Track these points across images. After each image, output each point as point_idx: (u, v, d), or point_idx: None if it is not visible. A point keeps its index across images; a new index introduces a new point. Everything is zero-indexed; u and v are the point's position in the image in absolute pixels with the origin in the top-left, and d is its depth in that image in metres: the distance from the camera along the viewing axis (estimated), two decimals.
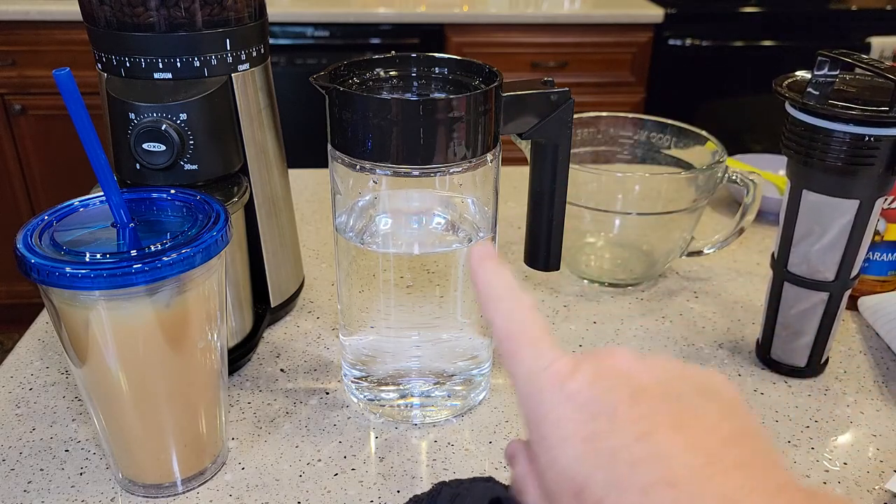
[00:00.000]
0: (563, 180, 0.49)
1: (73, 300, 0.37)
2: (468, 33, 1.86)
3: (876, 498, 0.45)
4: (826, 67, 0.47)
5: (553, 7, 1.94)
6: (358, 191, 0.47)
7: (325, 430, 0.50)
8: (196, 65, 0.48)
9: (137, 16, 0.46)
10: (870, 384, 0.55)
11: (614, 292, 0.67)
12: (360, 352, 0.51)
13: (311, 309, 0.64)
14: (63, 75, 0.36)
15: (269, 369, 0.56)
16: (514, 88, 0.45)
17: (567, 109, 0.47)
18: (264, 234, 0.57)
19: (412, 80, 0.48)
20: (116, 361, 0.39)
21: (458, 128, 0.42)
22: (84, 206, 0.42)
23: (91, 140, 0.38)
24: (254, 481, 0.45)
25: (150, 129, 0.47)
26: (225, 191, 0.51)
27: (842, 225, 0.48)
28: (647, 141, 0.71)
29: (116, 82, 0.48)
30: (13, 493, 0.44)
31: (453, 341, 0.50)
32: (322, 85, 0.43)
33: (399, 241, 0.48)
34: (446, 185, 0.46)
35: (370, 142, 0.42)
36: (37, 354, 0.57)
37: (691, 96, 2.02)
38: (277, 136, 0.57)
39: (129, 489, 0.44)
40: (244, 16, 0.50)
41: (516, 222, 0.79)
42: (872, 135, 0.45)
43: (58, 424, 0.50)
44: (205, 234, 0.39)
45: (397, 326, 0.49)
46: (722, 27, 1.95)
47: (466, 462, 0.47)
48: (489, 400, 0.53)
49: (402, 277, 0.47)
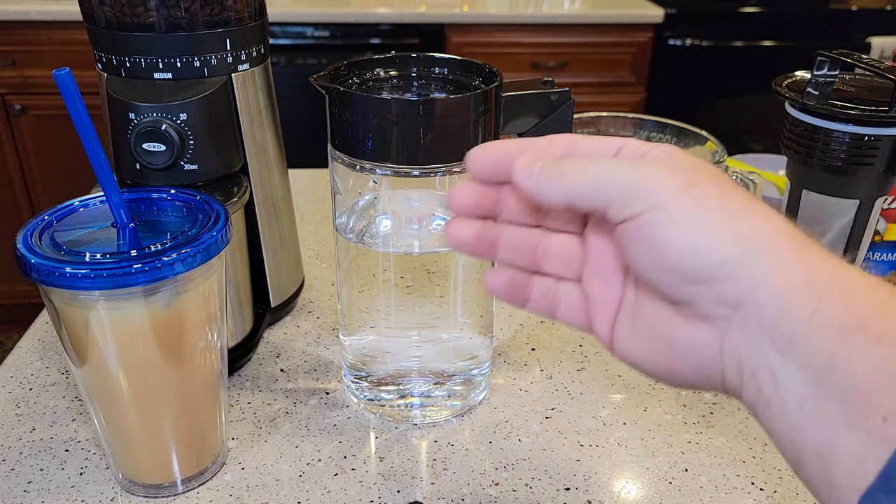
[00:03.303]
0: None
1: (73, 300, 0.37)
2: (468, 33, 1.86)
3: None
4: (826, 67, 0.47)
5: (553, 7, 1.94)
6: (358, 191, 0.47)
7: (325, 430, 0.50)
8: (196, 65, 0.48)
9: (137, 16, 0.46)
10: None
11: None
12: (360, 352, 0.51)
13: (311, 309, 0.64)
14: (63, 75, 0.36)
15: (269, 369, 0.56)
16: (514, 88, 0.45)
17: (567, 109, 0.47)
18: (264, 234, 0.57)
19: (412, 80, 0.48)
20: (116, 361, 0.39)
21: (459, 128, 0.42)
22: (84, 206, 0.42)
23: (91, 140, 0.38)
24: (254, 481, 0.45)
25: (150, 129, 0.47)
26: (225, 191, 0.51)
27: (842, 225, 0.48)
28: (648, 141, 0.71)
29: (116, 82, 0.48)
30: (13, 493, 0.44)
31: (453, 341, 0.50)
32: (322, 85, 0.43)
33: (399, 241, 0.48)
34: (446, 185, 0.46)
35: (370, 142, 0.42)
36: (37, 354, 0.57)
37: (691, 96, 2.02)
38: (277, 136, 0.57)
39: (129, 489, 0.44)
40: (244, 16, 0.50)
41: None
42: (872, 135, 0.45)
43: (58, 424, 0.50)
44: (205, 234, 0.39)
45: (397, 326, 0.49)
46: (722, 27, 1.95)
47: (466, 462, 0.47)
48: (489, 400, 0.53)
49: (402, 277, 0.47)
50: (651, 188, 0.28)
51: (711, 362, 0.29)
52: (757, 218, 0.28)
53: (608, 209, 0.29)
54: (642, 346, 0.32)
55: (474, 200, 0.34)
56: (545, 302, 0.35)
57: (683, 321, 0.30)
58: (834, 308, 0.26)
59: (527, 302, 0.35)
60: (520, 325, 0.62)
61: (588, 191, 0.30)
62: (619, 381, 0.55)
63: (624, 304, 0.33)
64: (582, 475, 0.46)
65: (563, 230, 0.34)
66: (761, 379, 0.27)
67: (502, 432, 0.50)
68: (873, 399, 0.24)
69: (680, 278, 0.28)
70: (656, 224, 0.28)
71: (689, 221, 0.28)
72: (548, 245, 0.34)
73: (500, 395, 0.53)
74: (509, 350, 0.59)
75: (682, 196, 0.28)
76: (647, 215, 0.28)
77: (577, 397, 0.53)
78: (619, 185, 0.29)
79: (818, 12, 2.02)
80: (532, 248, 0.35)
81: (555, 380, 0.55)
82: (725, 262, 0.27)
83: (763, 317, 0.27)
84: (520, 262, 0.35)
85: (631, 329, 0.32)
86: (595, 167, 0.30)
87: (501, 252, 0.35)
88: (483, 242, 0.34)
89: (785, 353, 0.26)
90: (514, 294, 0.35)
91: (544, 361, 0.57)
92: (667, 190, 0.28)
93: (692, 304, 0.29)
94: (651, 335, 0.31)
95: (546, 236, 0.35)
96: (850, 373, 0.25)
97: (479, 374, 0.52)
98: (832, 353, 0.25)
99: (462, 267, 0.47)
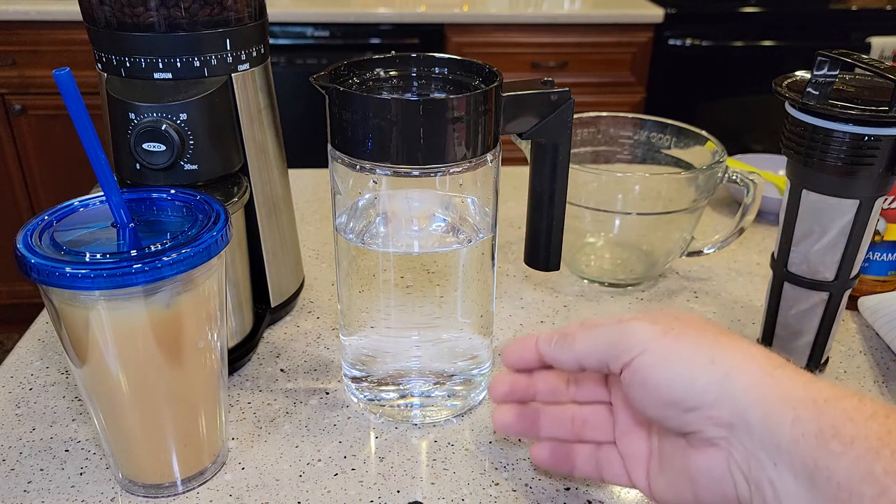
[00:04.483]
0: (563, 180, 0.49)
1: (73, 300, 0.37)
2: (468, 33, 1.86)
3: None
4: (826, 67, 0.47)
5: (553, 7, 1.94)
6: (358, 191, 0.47)
7: (325, 430, 0.50)
8: (196, 65, 0.48)
9: (137, 16, 0.46)
10: (870, 384, 0.55)
11: (614, 292, 0.67)
12: (360, 352, 0.51)
13: (311, 309, 0.64)
14: (63, 75, 0.36)
15: (269, 369, 0.56)
16: (514, 88, 0.45)
17: (567, 109, 0.47)
18: (264, 234, 0.57)
19: (412, 80, 0.48)
20: (116, 361, 0.39)
21: (458, 128, 0.42)
22: (84, 206, 0.42)
23: (91, 140, 0.38)
24: (254, 481, 0.45)
25: (150, 129, 0.47)
26: (225, 191, 0.51)
27: (842, 225, 0.48)
28: (647, 141, 0.71)
29: (116, 82, 0.48)
30: (13, 493, 0.44)
31: (453, 341, 0.50)
32: (322, 85, 0.43)
33: (399, 241, 0.48)
34: (446, 185, 0.46)
35: (370, 142, 0.42)
36: (37, 354, 0.57)
37: (691, 96, 2.02)
38: (277, 136, 0.57)
39: (129, 489, 0.44)
40: (244, 16, 0.50)
41: (516, 222, 0.79)
42: (872, 135, 0.45)
43: (58, 424, 0.50)
44: (205, 234, 0.39)
45: (397, 326, 0.49)
46: (722, 27, 1.95)
47: (466, 462, 0.47)
48: (489, 400, 0.53)
49: (403, 277, 0.47)
50: (637, 337, 0.34)
51: (724, 482, 0.33)
52: (727, 346, 0.33)
53: (609, 364, 0.35)
54: (672, 486, 0.36)
55: (509, 388, 0.41)
56: (590, 466, 0.40)
57: (695, 451, 0.34)
58: (810, 417, 0.29)
59: (574, 469, 0.41)
60: (520, 325, 0.62)
61: (590, 351, 0.36)
62: None
63: (652, 453, 0.38)
64: None
65: (594, 402, 0.41)
66: (765, 490, 0.31)
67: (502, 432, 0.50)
68: (855, 497, 0.27)
69: (676, 410, 0.33)
70: (645, 367, 0.34)
71: (671, 358, 0.33)
72: (583, 416, 0.40)
73: None
74: None
75: (662, 339, 0.34)
76: (638, 360, 0.34)
77: None
78: (612, 341, 0.35)
79: (818, 12, 2.02)
80: (569, 421, 0.41)
81: None
82: (706, 387, 0.32)
83: (753, 431, 0.31)
84: (562, 435, 0.41)
85: (660, 473, 0.37)
86: (594, 332, 0.36)
87: (543, 428, 0.41)
88: (525, 421, 0.41)
89: (777, 463, 0.30)
90: (560, 463, 0.41)
91: None
92: (648, 336, 0.34)
93: (696, 432, 0.33)
94: (675, 473, 0.36)
95: (580, 409, 0.41)
96: (832, 474, 0.28)
97: (480, 374, 0.52)
98: (814, 458, 0.29)
99: (462, 267, 0.47)
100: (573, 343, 0.37)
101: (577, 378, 0.41)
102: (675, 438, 0.35)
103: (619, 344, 0.35)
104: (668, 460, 0.36)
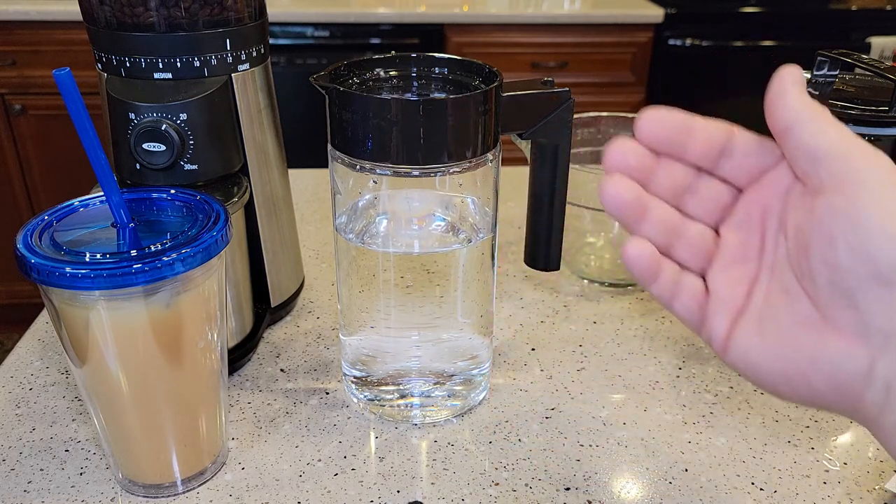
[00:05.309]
0: (564, 180, 0.49)
1: (73, 300, 0.37)
2: (468, 33, 1.86)
3: (876, 498, 0.45)
4: (826, 67, 0.47)
5: (553, 7, 1.94)
6: (358, 191, 0.47)
7: (325, 430, 0.50)
8: (196, 65, 0.48)
9: (137, 16, 0.46)
10: None
11: (614, 292, 0.67)
12: (360, 352, 0.51)
13: (311, 309, 0.64)
14: (63, 75, 0.36)
15: (269, 369, 0.56)
16: (514, 88, 0.45)
17: (567, 109, 0.47)
18: (264, 234, 0.57)
19: (412, 80, 0.48)
20: (116, 361, 0.39)
21: (458, 128, 0.42)
22: (84, 206, 0.42)
23: (91, 140, 0.38)
24: (254, 481, 0.45)
25: (150, 129, 0.47)
26: (225, 191, 0.51)
27: None
28: None
29: (116, 82, 0.48)
30: (13, 493, 0.44)
31: (453, 341, 0.50)
32: (322, 85, 0.43)
33: (399, 241, 0.48)
34: (446, 185, 0.46)
35: (370, 142, 0.42)
36: (37, 354, 0.57)
37: (691, 96, 2.02)
38: (277, 136, 0.57)
39: (129, 489, 0.44)
40: (244, 16, 0.50)
41: (516, 222, 0.79)
42: (872, 135, 0.45)
43: (58, 424, 0.50)
44: (205, 234, 0.39)
45: (397, 326, 0.49)
46: (722, 27, 1.96)
47: (466, 462, 0.47)
48: (489, 400, 0.53)
49: (403, 277, 0.47)
50: (864, 167, 0.27)
51: (856, 379, 0.28)
52: None
53: (819, 165, 0.28)
54: (770, 352, 0.30)
55: (636, 161, 0.33)
56: (667, 288, 0.33)
57: (834, 333, 0.28)
58: None
59: (654, 282, 0.33)
60: (520, 325, 0.62)
61: (836, 154, 0.28)
62: (619, 381, 0.55)
63: (751, 305, 0.31)
64: (582, 475, 0.46)
65: (701, 220, 0.34)
66: None
67: (502, 432, 0.50)
68: None
69: (871, 270, 0.26)
70: (866, 207, 0.26)
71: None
72: (685, 231, 0.33)
73: (500, 395, 0.53)
74: (509, 350, 0.59)
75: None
76: (860, 192, 0.27)
77: (577, 397, 0.53)
78: (845, 150, 0.28)
79: (818, 12, 2.02)
80: (672, 229, 0.33)
81: (555, 380, 0.55)
82: None
83: None
84: (658, 239, 0.33)
85: (758, 333, 0.31)
86: (839, 125, 0.29)
87: (647, 224, 0.33)
88: (636, 208, 0.33)
89: None
90: (649, 270, 0.33)
91: (544, 361, 0.57)
92: (881, 176, 0.27)
93: (862, 311, 0.27)
94: (785, 342, 0.30)
95: (684, 222, 0.34)
96: None
97: (479, 374, 0.52)
98: None
99: (462, 267, 0.47)
100: (816, 112, 0.29)
101: (697, 187, 0.34)
102: (806, 308, 0.29)
103: (850, 156, 0.28)
104: (781, 327, 0.30)
